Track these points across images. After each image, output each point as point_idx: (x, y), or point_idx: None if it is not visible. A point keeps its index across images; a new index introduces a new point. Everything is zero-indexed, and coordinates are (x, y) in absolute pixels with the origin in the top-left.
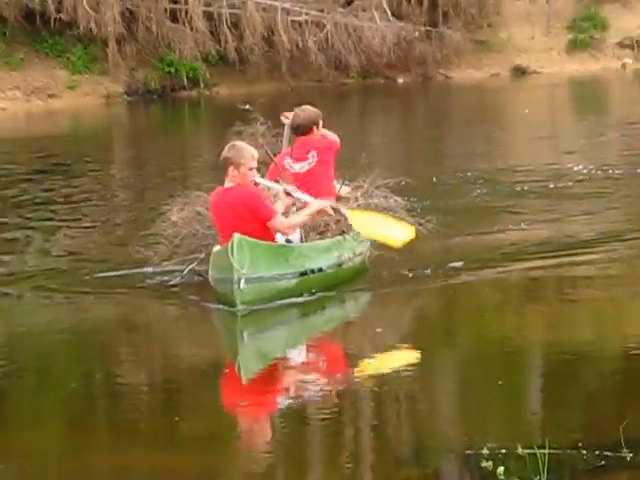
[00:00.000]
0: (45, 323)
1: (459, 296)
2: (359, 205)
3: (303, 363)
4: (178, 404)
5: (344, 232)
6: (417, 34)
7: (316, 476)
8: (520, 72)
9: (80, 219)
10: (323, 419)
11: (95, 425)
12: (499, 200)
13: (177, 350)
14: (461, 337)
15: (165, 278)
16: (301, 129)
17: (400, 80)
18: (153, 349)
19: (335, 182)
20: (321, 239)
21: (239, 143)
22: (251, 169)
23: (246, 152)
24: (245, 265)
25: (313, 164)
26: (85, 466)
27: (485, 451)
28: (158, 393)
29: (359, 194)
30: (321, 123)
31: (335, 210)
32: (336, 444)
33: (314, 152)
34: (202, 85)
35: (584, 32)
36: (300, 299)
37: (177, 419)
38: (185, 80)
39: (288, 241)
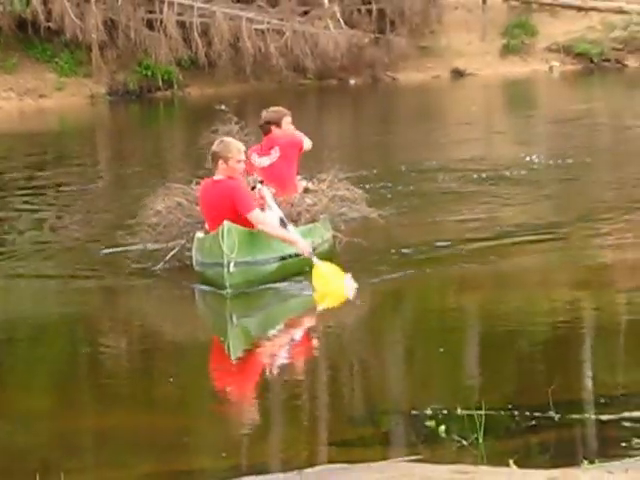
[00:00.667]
0: (39, 302)
1: (414, 278)
2: (326, 197)
3: (280, 341)
4: (165, 372)
5: (314, 221)
6: (367, 40)
7: (278, 435)
8: (458, 74)
9: (68, 207)
10: (288, 386)
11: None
12: (450, 188)
13: (164, 327)
14: (409, 313)
15: (149, 264)
16: (263, 128)
17: (352, 81)
18: (141, 328)
19: (299, 177)
20: (295, 227)
21: (227, 138)
22: (239, 161)
23: (233, 146)
24: (234, 250)
25: (274, 159)
26: (71, 426)
27: (429, 412)
28: (149, 363)
29: (325, 186)
30: (284, 122)
31: (310, 256)
32: (298, 407)
33: (277, 148)
34: (176, 86)
35: (516, 38)
36: (281, 284)
37: (165, 382)
38: (160, 82)
39: (282, 221)
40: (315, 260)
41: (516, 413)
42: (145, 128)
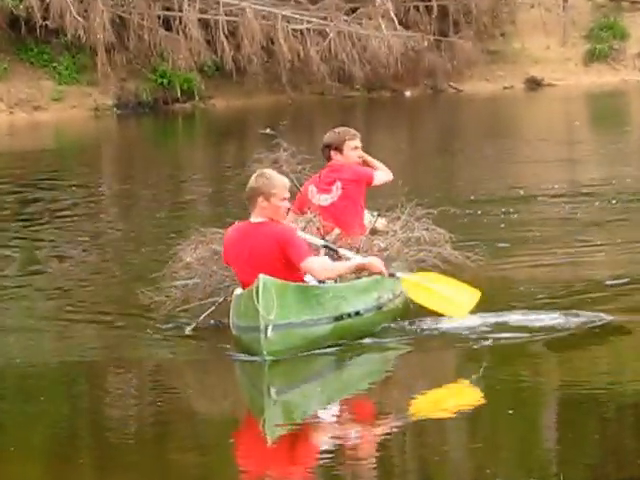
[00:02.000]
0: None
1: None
2: (399, 240)
3: (333, 423)
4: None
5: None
6: (426, 44)
7: None
8: (535, 84)
9: (72, 253)
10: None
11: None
12: (551, 226)
13: (194, 403)
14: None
15: (180, 324)
16: (323, 152)
17: (408, 93)
18: (169, 402)
19: (368, 213)
20: (357, 278)
21: (268, 171)
22: (283, 199)
23: (277, 181)
24: (272, 310)
25: (335, 198)
26: None
27: None
28: (176, 446)
29: (398, 227)
30: (347, 147)
31: (391, 274)
32: None
33: (338, 184)
34: (197, 97)
35: (603, 42)
36: (335, 348)
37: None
38: (179, 92)
39: (320, 282)
40: (399, 274)
41: None
42: (160, 147)
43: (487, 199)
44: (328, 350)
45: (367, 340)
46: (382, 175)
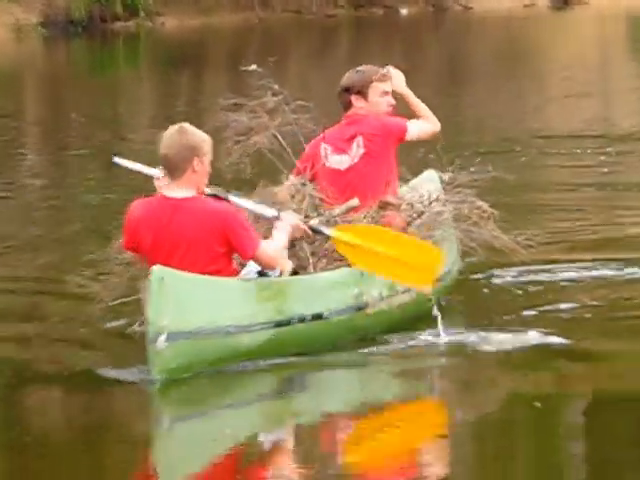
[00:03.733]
0: None
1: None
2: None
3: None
4: None
5: None
6: None
7: None
8: (562, 2)
9: None
10: None
11: None
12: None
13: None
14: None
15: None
16: (341, 98)
17: (404, 11)
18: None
19: (400, 185)
20: (335, 268)
21: (186, 125)
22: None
23: (206, 137)
24: (166, 313)
25: (356, 159)
26: None
27: None
28: None
29: (422, 200)
30: (373, 91)
31: (314, 231)
32: None
33: (360, 140)
34: (142, 14)
35: None
36: (269, 363)
37: None
38: (120, 8)
39: (262, 274)
40: (326, 230)
41: None
42: (95, 76)
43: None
44: (260, 366)
45: (327, 356)
46: (422, 126)
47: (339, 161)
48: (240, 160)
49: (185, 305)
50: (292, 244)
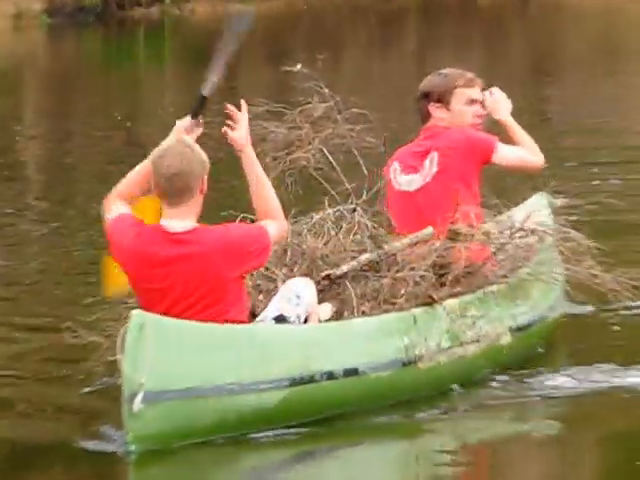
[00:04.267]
0: None
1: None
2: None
3: None
4: None
5: (433, 300)
6: None
7: None
8: None
9: None
10: None
11: None
12: None
13: None
14: None
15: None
16: (418, 105)
17: None
18: None
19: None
20: (384, 312)
21: (188, 138)
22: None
23: (205, 159)
24: (146, 368)
25: (428, 178)
26: None
27: None
28: None
29: (503, 231)
30: (457, 98)
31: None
32: None
33: (435, 156)
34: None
35: None
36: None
37: None
38: None
39: (281, 319)
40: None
41: None
42: (111, 74)
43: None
44: (271, 436)
45: (362, 421)
46: (517, 152)
47: (408, 181)
48: (279, 179)
49: (171, 358)
50: (333, 281)
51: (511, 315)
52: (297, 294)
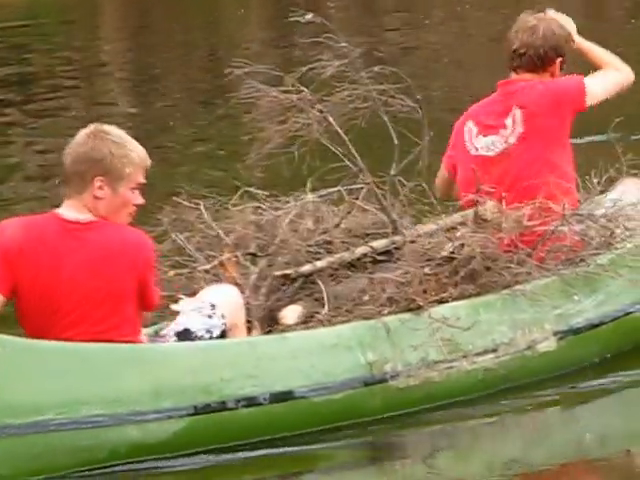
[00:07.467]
0: None
1: None
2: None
3: None
4: None
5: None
6: None
7: None
8: None
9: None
10: None
11: None
12: None
13: None
14: None
15: None
16: (522, 61)
17: None
18: None
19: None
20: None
21: (113, 128)
22: (136, 187)
23: (134, 149)
24: None
25: (513, 140)
26: None
27: None
28: None
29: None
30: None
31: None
32: None
33: (517, 114)
34: None
35: None
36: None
37: None
38: None
39: (186, 334)
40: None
41: None
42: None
43: None
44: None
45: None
46: (606, 79)
47: (488, 145)
48: (279, 150)
49: (23, 386)
50: (306, 280)
51: (559, 316)
52: (212, 302)
